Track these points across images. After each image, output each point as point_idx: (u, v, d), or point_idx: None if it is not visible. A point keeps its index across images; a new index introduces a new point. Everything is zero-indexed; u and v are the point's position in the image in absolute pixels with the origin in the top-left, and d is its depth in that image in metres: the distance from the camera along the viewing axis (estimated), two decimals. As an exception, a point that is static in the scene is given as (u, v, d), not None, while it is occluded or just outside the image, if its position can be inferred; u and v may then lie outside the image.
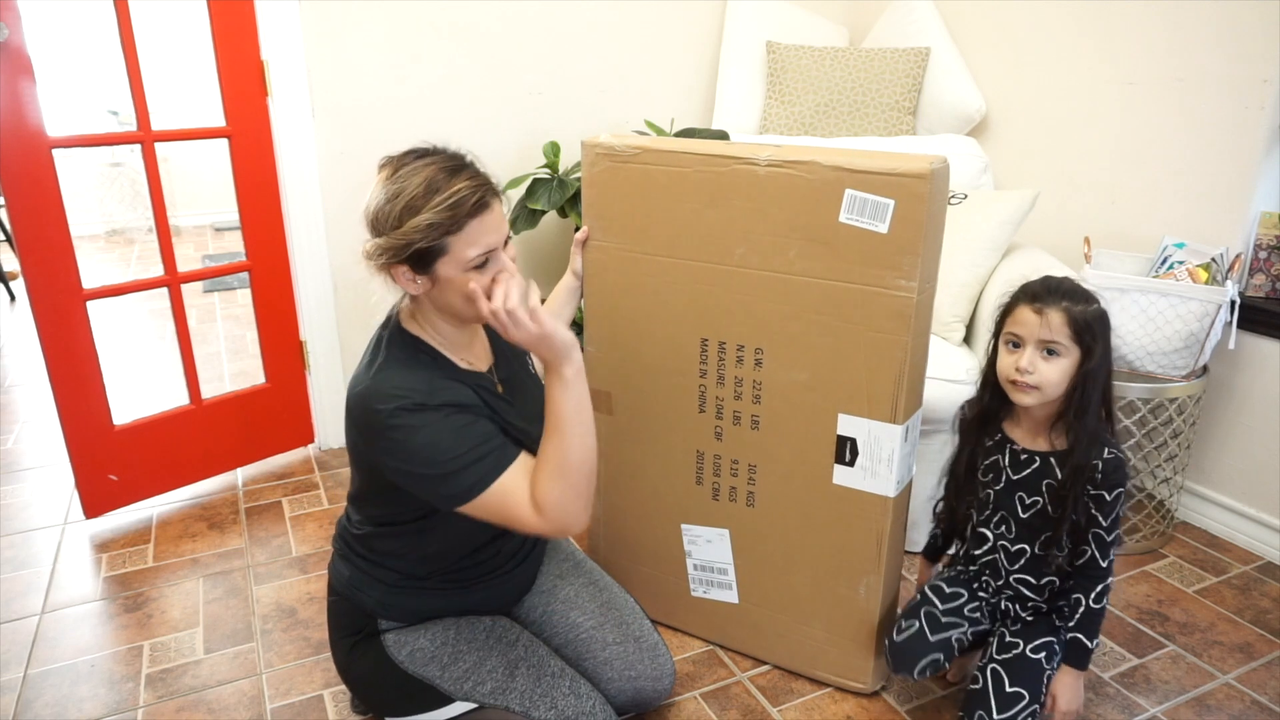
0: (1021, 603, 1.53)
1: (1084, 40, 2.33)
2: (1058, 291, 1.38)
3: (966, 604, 1.54)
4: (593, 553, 1.87)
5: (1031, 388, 1.39)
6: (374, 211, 1.24)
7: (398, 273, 1.25)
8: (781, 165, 1.42)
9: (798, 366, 1.51)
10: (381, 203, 1.23)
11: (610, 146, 1.57)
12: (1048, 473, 1.45)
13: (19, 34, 1.85)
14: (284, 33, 2.20)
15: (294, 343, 2.47)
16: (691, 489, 1.70)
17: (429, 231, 1.20)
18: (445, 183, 1.22)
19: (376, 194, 1.25)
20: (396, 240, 1.21)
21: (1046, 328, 1.36)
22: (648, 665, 1.51)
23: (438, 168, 1.23)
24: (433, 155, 1.26)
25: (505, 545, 1.47)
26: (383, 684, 1.42)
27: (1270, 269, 2.09)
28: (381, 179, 1.25)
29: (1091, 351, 1.36)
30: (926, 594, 1.56)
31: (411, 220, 1.20)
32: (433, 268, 1.24)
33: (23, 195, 1.92)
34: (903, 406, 1.45)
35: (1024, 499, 1.47)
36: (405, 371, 1.27)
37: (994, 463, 1.51)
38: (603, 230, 1.62)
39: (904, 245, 1.36)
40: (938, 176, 1.34)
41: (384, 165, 1.27)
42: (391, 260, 1.23)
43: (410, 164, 1.24)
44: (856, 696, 1.66)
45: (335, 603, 1.48)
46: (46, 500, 2.33)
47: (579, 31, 2.59)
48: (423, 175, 1.22)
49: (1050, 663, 1.46)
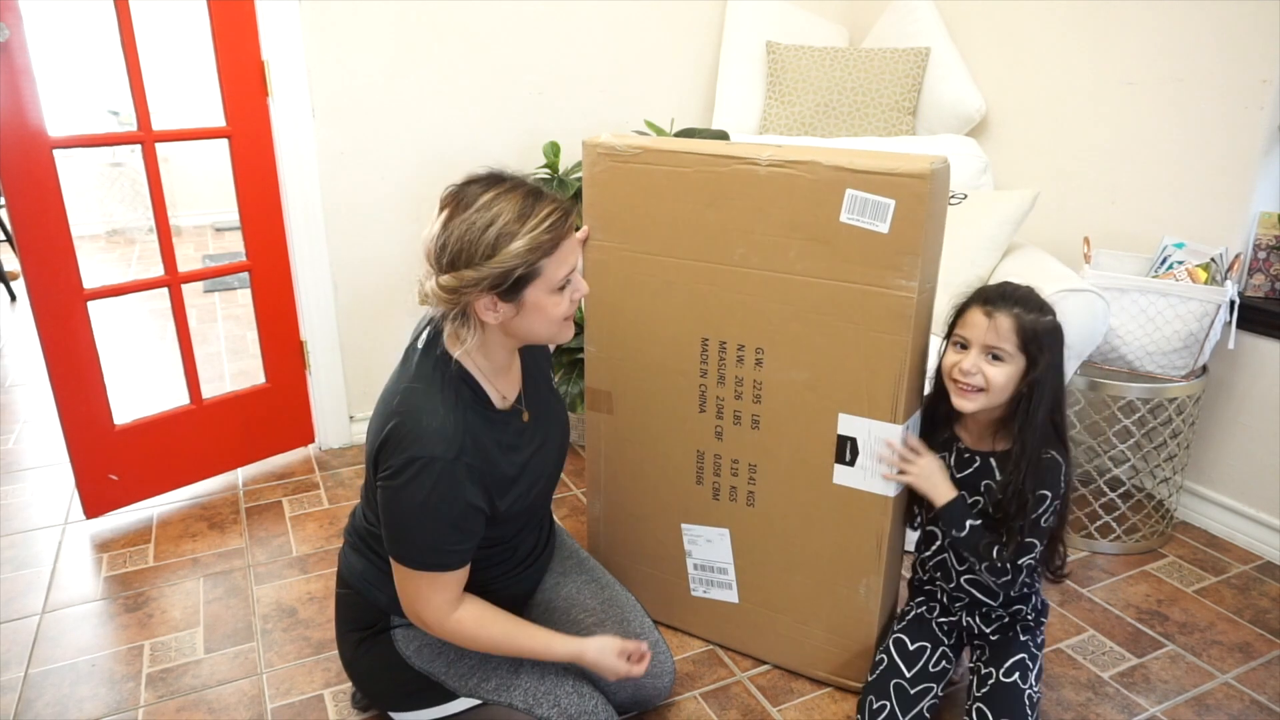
0: (982, 615, 1.53)
1: (1084, 40, 2.33)
2: (1011, 298, 1.38)
3: (931, 658, 1.52)
4: (593, 552, 1.87)
5: (976, 390, 1.38)
6: (457, 244, 1.20)
7: (480, 304, 1.23)
8: (782, 165, 1.42)
9: (798, 366, 1.51)
10: (468, 233, 1.19)
11: (611, 146, 1.57)
12: (987, 473, 1.45)
13: (19, 34, 1.85)
14: (284, 33, 2.20)
15: (294, 343, 2.47)
16: (691, 489, 1.70)
17: (529, 256, 1.20)
18: (534, 207, 1.22)
19: (456, 227, 1.20)
20: (493, 269, 1.19)
21: (994, 332, 1.36)
22: (649, 663, 1.51)
23: (522, 194, 1.23)
24: (504, 181, 1.25)
25: (521, 545, 1.48)
26: (388, 678, 1.42)
27: (1269, 269, 2.09)
28: (451, 210, 1.22)
29: (1036, 361, 1.36)
30: (892, 656, 1.52)
31: (509, 247, 1.19)
32: (522, 294, 1.23)
33: (23, 195, 1.92)
34: (903, 406, 1.45)
35: (966, 498, 1.47)
36: (448, 406, 1.25)
37: (941, 460, 1.51)
38: (603, 230, 1.63)
39: (905, 245, 1.36)
40: (938, 176, 1.34)
41: (450, 198, 1.24)
42: (483, 291, 1.21)
43: (487, 193, 1.22)
44: (856, 696, 1.66)
45: (346, 596, 1.47)
46: (47, 500, 2.33)
47: (579, 32, 2.59)
48: (510, 201, 1.21)
49: (1026, 679, 1.45)
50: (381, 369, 2.61)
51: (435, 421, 1.23)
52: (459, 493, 1.24)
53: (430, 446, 1.22)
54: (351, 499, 2.34)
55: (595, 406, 1.75)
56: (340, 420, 2.59)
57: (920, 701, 1.47)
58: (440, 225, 1.22)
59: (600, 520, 1.84)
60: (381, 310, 2.56)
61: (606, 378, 1.72)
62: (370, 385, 2.61)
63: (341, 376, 2.54)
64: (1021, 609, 1.52)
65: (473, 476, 1.26)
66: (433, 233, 1.23)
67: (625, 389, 1.71)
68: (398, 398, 1.26)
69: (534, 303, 1.25)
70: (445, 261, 1.21)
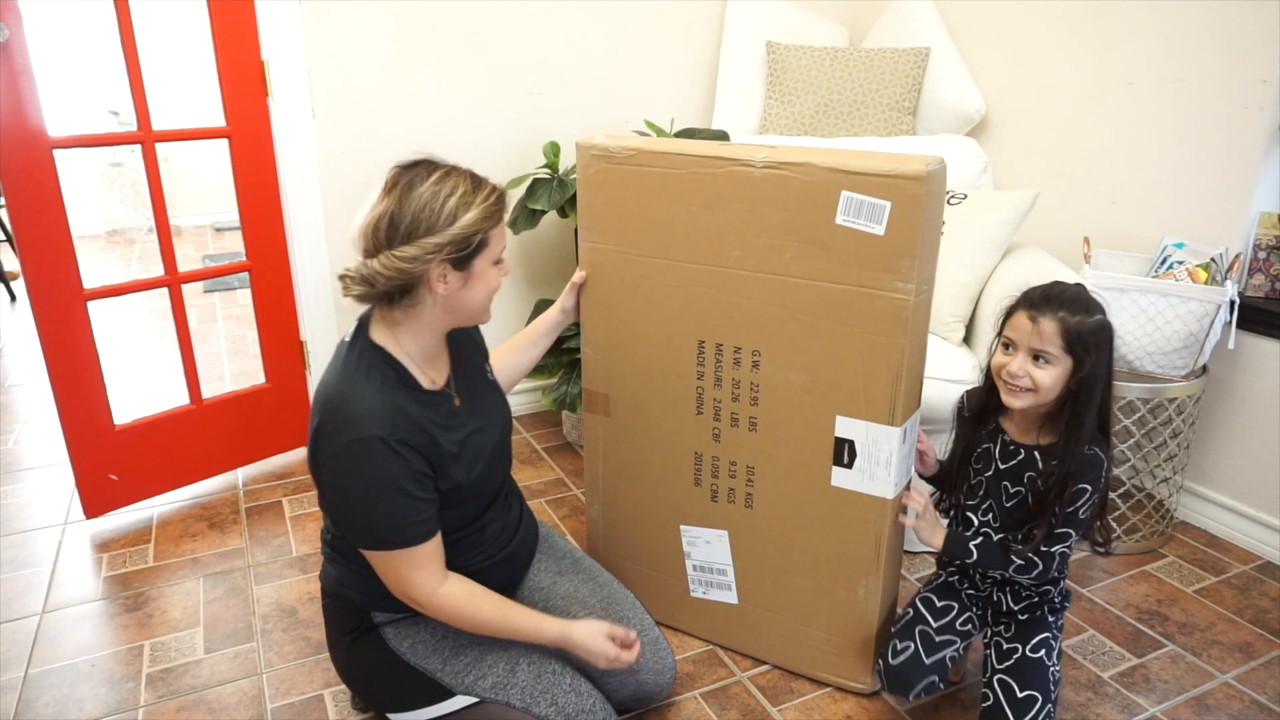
0: (1012, 592, 1.54)
1: (1084, 40, 2.33)
2: (1057, 300, 1.38)
3: (958, 617, 1.54)
4: (592, 553, 1.88)
5: (1025, 390, 1.40)
6: (417, 215, 1.25)
7: (434, 274, 1.27)
8: (777, 167, 1.42)
9: (795, 368, 1.51)
10: (430, 203, 1.25)
11: (605, 148, 1.56)
12: (1031, 465, 1.47)
13: (19, 34, 1.85)
14: (284, 33, 2.20)
15: (294, 343, 2.47)
16: (690, 491, 1.70)
17: (483, 224, 1.28)
18: (480, 183, 1.31)
19: (414, 200, 1.26)
20: (455, 234, 1.25)
21: (1038, 336, 1.37)
22: (650, 659, 1.52)
23: (468, 174, 1.31)
24: (445, 165, 1.32)
25: (489, 527, 1.48)
26: (384, 677, 1.42)
27: (1269, 269, 2.09)
28: (404, 187, 1.27)
29: (1083, 362, 1.36)
30: (919, 609, 1.55)
31: (467, 215, 1.26)
32: (472, 264, 1.30)
33: (23, 195, 1.93)
34: (900, 408, 1.44)
35: (1008, 488, 1.49)
36: (373, 388, 1.28)
37: (985, 450, 1.53)
38: (599, 232, 1.62)
39: (901, 247, 1.36)
40: (934, 178, 1.34)
41: (398, 177, 1.29)
42: (442, 259, 1.25)
43: (436, 171, 1.29)
44: (856, 696, 1.66)
45: (329, 604, 1.49)
46: (47, 500, 2.33)
47: (579, 31, 2.59)
48: (461, 178, 1.29)
49: (1050, 658, 1.46)
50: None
51: (363, 406, 1.26)
52: (401, 465, 1.26)
53: (363, 427, 1.24)
54: (351, 499, 2.34)
55: (593, 409, 1.75)
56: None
57: (943, 650, 1.49)
58: (393, 201, 1.26)
59: (599, 522, 1.84)
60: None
61: (603, 380, 1.72)
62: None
63: (341, 376, 2.54)
64: (1050, 590, 1.53)
65: (411, 449, 1.28)
66: (378, 212, 1.26)
67: (622, 391, 1.70)
68: (324, 392, 1.30)
69: (479, 272, 1.31)
70: (401, 234, 1.25)
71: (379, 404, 1.27)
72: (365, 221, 1.28)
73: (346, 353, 1.34)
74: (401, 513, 1.28)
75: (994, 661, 1.50)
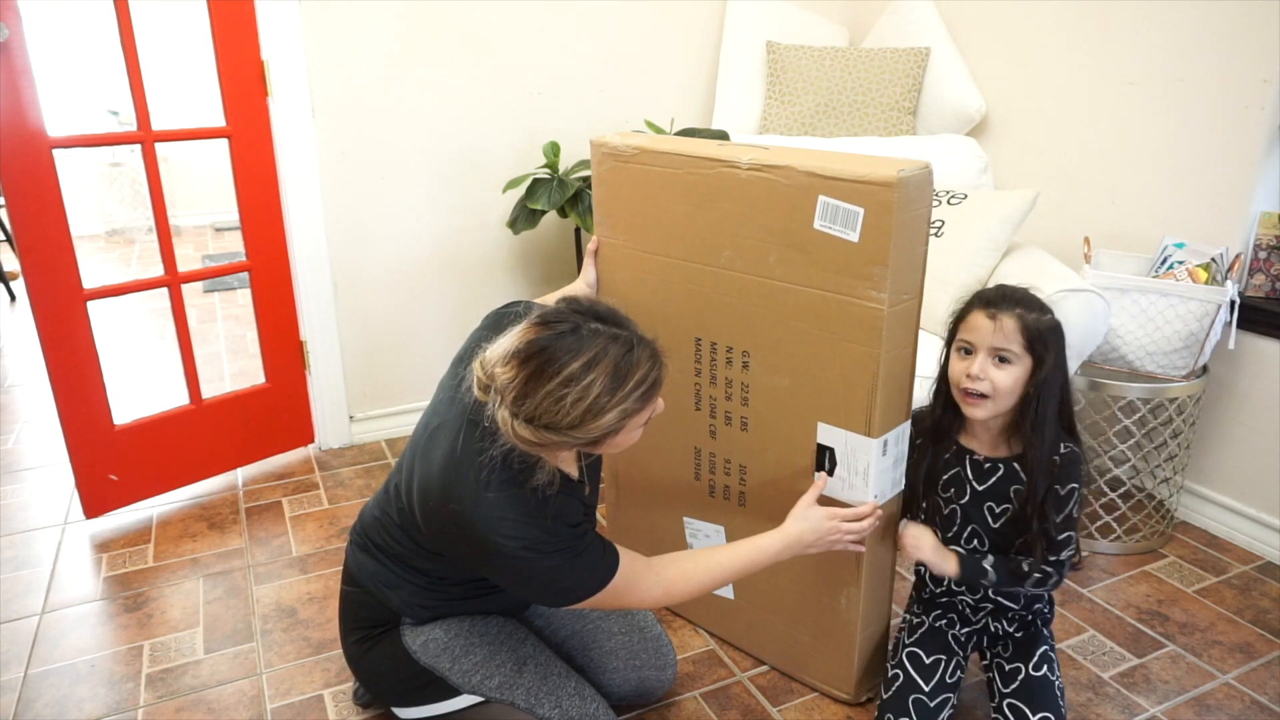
0: (1005, 618, 1.52)
1: (1084, 40, 2.33)
2: (1012, 299, 1.37)
3: (948, 668, 1.50)
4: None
5: (983, 398, 1.37)
6: (539, 407, 1.13)
7: (560, 454, 1.25)
8: (760, 169, 1.40)
9: (780, 371, 1.49)
10: (556, 406, 1.13)
11: (614, 147, 1.59)
12: (1013, 479, 1.43)
13: (19, 34, 1.85)
14: (284, 33, 2.20)
15: (294, 343, 2.47)
16: (691, 484, 1.71)
17: (617, 424, 1.18)
18: (628, 374, 1.16)
19: (539, 393, 1.13)
20: (578, 437, 1.16)
21: (1000, 334, 1.34)
22: (651, 655, 1.54)
23: (614, 360, 1.15)
24: (596, 338, 1.16)
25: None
26: (394, 674, 1.43)
27: (1270, 269, 2.09)
28: (534, 372, 1.13)
29: (1043, 361, 1.35)
30: (908, 671, 1.49)
31: (598, 421, 1.15)
32: (605, 443, 1.23)
33: (23, 195, 1.93)
34: (878, 420, 1.39)
35: (994, 508, 1.46)
36: (519, 500, 1.22)
37: (955, 476, 1.48)
38: (610, 228, 1.65)
39: (873, 255, 1.31)
40: (906, 185, 1.26)
41: (533, 353, 1.14)
42: (570, 447, 1.21)
43: (575, 361, 1.13)
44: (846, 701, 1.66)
45: (354, 594, 1.45)
46: (46, 500, 2.33)
47: (579, 31, 2.59)
48: (602, 371, 1.14)
49: (1054, 672, 1.46)
50: (381, 369, 2.61)
51: (514, 512, 1.22)
52: (567, 533, 1.25)
53: (527, 538, 1.22)
54: (352, 499, 2.34)
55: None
56: (340, 420, 2.58)
57: (940, 713, 1.46)
58: (522, 376, 1.13)
59: (614, 504, 1.87)
60: (381, 310, 2.56)
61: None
62: (370, 385, 2.61)
63: (341, 376, 2.54)
64: (1039, 605, 1.52)
65: (569, 531, 1.26)
66: (508, 376, 1.14)
67: None
68: (470, 504, 1.21)
69: (614, 444, 1.24)
70: (524, 414, 1.14)
71: (526, 511, 1.23)
72: (488, 363, 1.17)
73: (478, 457, 1.23)
74: (589, 561, 1.27)
75: (1000, 686, 1.48)
